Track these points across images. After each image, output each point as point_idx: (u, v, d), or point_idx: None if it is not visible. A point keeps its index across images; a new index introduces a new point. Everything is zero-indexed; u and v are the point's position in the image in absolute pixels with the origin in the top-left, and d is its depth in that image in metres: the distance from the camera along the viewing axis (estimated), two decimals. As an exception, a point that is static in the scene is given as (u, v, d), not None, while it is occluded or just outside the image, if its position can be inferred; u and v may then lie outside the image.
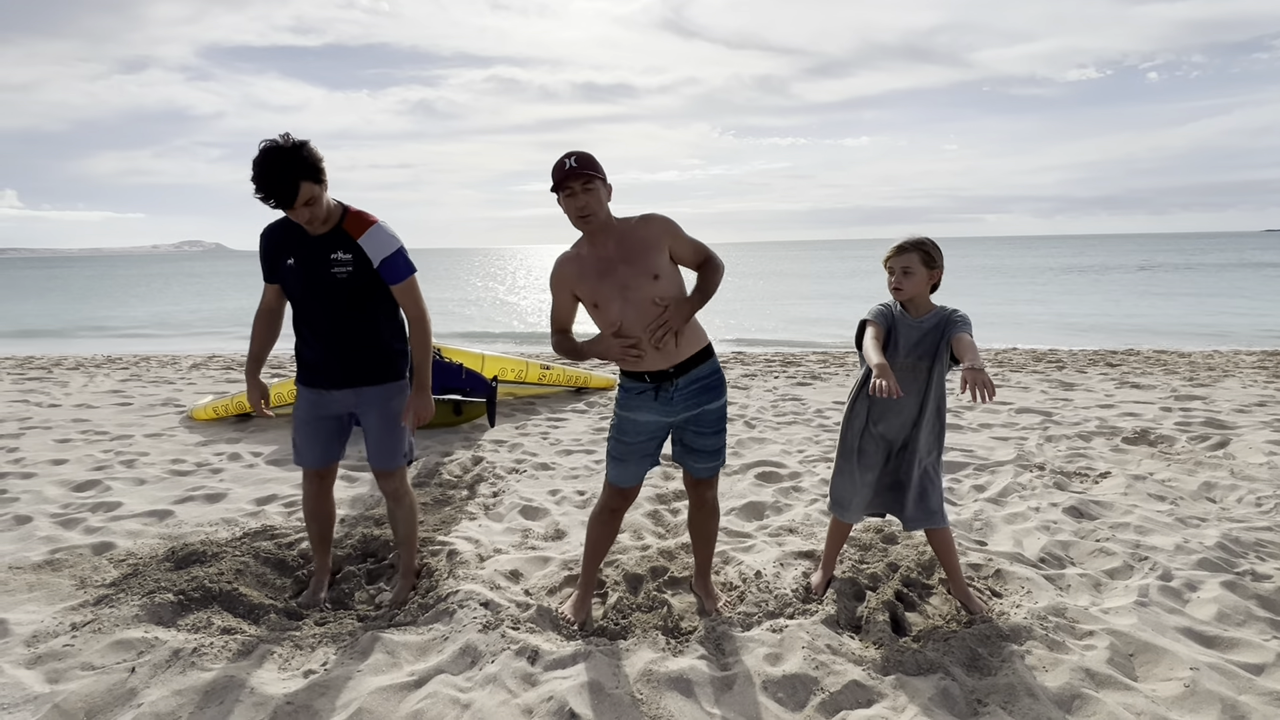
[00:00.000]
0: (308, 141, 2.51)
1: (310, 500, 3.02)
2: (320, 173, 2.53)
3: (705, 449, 2.72)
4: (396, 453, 2.89)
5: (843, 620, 2.76)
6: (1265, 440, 5.13)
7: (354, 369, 2.78)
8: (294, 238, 2.71)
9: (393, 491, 2.99)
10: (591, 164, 2.46)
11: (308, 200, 2.51)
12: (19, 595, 3.00)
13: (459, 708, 2.25)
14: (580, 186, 2.44)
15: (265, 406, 2.94)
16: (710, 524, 2.91)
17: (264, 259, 2.81)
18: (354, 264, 2.67)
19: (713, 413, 2.68)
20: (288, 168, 2.44)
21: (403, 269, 2.73)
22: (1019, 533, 3.58)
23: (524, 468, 4.88)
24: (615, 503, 2.81)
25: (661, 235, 2.55)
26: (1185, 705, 2.26)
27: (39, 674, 2.42)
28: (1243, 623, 2.74)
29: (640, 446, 2.69)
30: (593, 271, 2.54)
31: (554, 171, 2.47)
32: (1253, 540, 3.44)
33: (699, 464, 2.75)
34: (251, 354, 2.91)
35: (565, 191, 2.45)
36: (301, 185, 2.46)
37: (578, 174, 2.43)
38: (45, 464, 5.01)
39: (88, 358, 11.64)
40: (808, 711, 2.28)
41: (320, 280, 2.68)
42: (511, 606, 2.84)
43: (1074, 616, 2.73)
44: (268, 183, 2.44)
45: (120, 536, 3.67)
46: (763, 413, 6.51)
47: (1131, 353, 10.57)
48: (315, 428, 2.88)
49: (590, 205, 2.46)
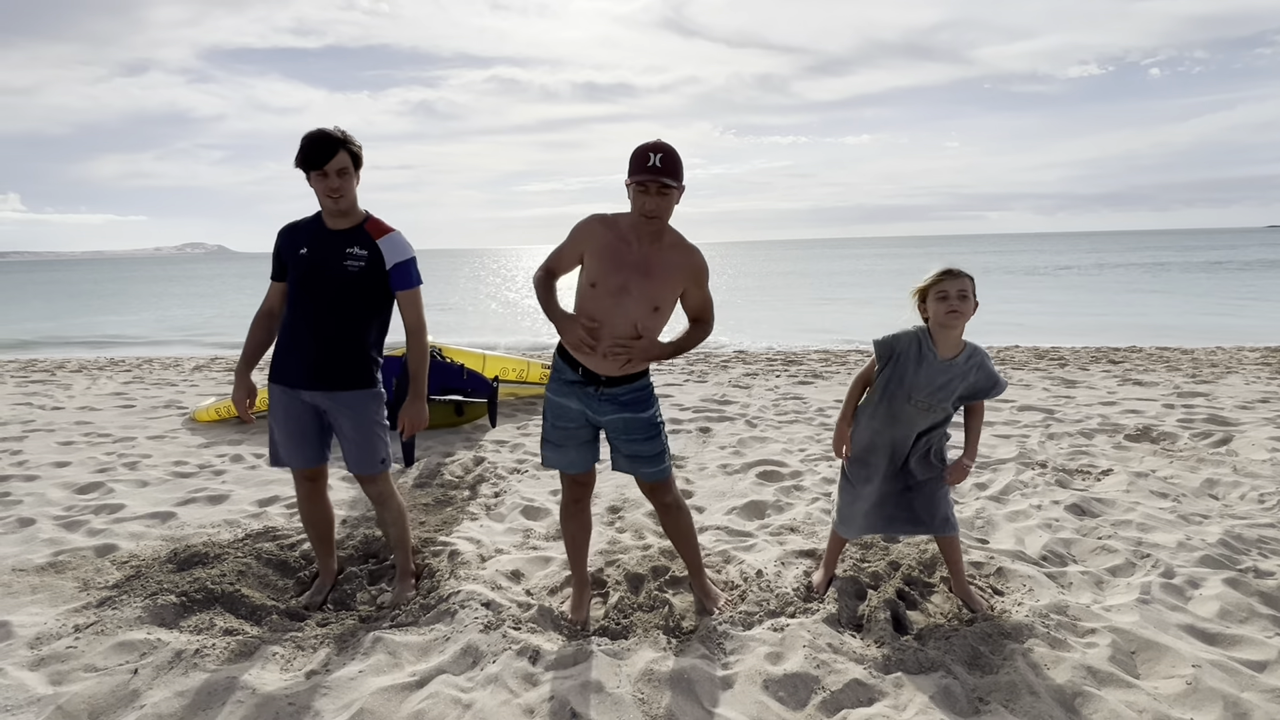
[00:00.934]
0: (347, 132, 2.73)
1: (304, 503, 3.01)
2: (358, 158, 2.71)
3: (642, 454, 2.69)
4: (374, 458, 2.87)
5: (844, 619, 2.76)
6: (1268, 437, 5.12)
7: (329, 369, 2.76)
8: (313, 231, 2.78)
9: (377, 495, 2.99)
10: (675, 171, 2.39)
11: (340, 169, 2.64)
12: (22, 597, 3.00)
13: (460, 708, 2.26)
14: (657, 189, 2.39)
15: (250, 407, 2.88)
16: (679, 523, 2.86)
17: (278, 252, 2.84)
18: (368, 261, 2.72)
19: (642, 420, 2.67)
20: (334, 135, 2.64)
21: (413, 277, 2.80)
22: (1021, 530, 3.57)
23: (525, 468, 4.88)
24: (575, 493, 2.82)
25: (689, 274, 2.57)
26: (1187, 703, 2.26)
27: (42, 676, 2.43)
28: (1245, 620, 2.73)
29: (573, 433, 2.70)
30: (612, 255, 2.50)
31: (636, 160, 2.40)
32: (1255, 537, 3.43)
33: (641, 469, 2.72)
34: (245, 352, 2.90)
35: (639, 186, 2.41)
36: (340, 150, 2.63)
37: (659, 177, 2.36)
38: (48, 466, 5.03)
39: (90, 360, 11.67)
40: (809, 710, 2.28)
41: (331, 270, 2.71)
42: (513, 606, 2.85)
43: (1076, 614, 2.72)
44: (312, 141, 2.62)
45: (123, 538, 3.68)
46: (764, 412, 6.51)
47: (1134, 350, 10.55)
48: (291, 427, 2.85)
49: (660, 209, 2.42)
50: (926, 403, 2.66)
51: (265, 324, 2.90)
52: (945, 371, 2.63)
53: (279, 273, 2.85)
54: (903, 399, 2.69)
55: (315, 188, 2.68)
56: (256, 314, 2.91)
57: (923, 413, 2.68)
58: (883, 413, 2.75)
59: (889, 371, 2.71)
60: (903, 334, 2.70)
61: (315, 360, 2.75)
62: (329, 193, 2.66)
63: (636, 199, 2.43)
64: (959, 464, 2.74)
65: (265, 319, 2.90)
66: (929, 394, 2.64)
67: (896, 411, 2.71)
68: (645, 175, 2.37)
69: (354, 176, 2.71)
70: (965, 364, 2.64)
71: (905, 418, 2.71)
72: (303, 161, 2.64)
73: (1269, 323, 15.30)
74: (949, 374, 2.63)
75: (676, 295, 2.58)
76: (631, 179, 2.43)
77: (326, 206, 2.72)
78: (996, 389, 2.67)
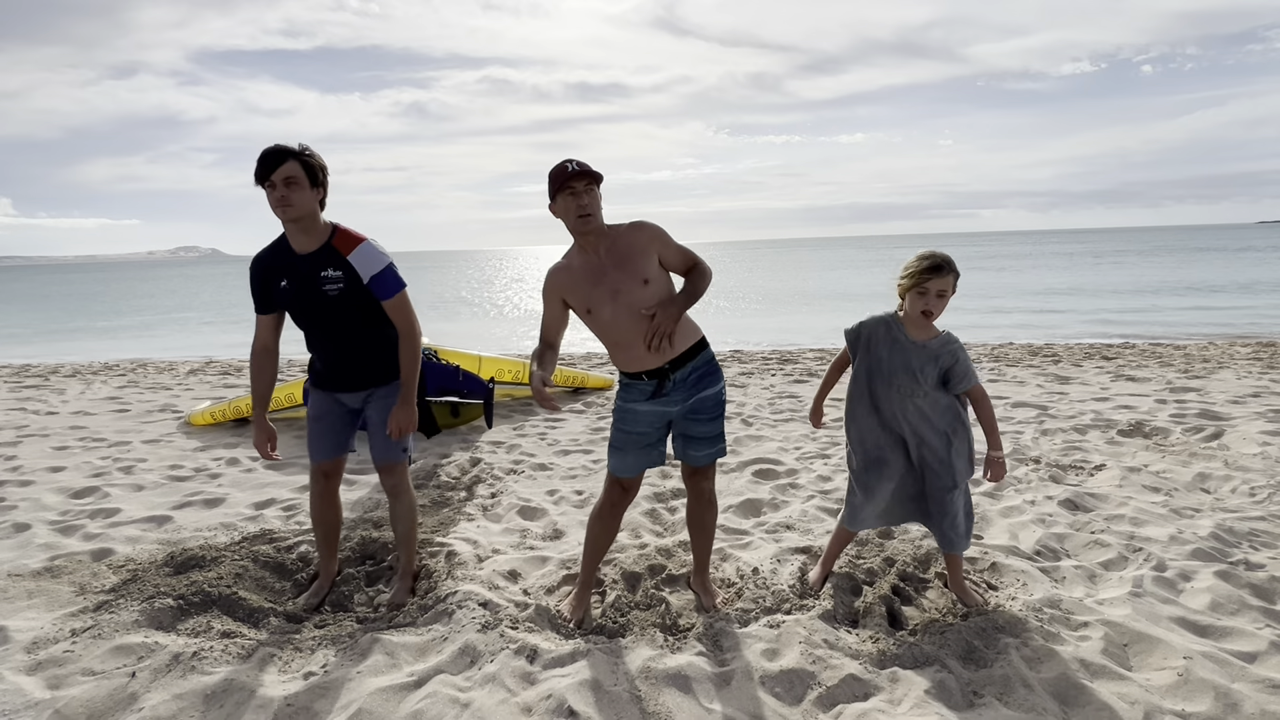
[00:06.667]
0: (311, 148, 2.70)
1: (316, 501, 3.05)
2: (312, 169, 2.65)
3: (704, 435, 2.74)
4: (398, 446, 2.97)
5: (840, 615, 2.77)
6: (1259, 431, 5.16)
7: (364, 374, 2.89)
8: (284, 260, 2.77)
9: (393, 487, 3.03)
10: (590, 169, 2.52)
11: (286, 178, 2.59)
12: (19, 602, 3.00)
13: (459, 707, 2.26)
14: (583, 186, 2.51)
15: (271, 450, 2.94)
16: (708, 516, 2.92)
17: (255, 287, 2.83)
18: (344, 281, 2.72)
19: (711, 398, 2.71)
20: (283, 147, 2.62)
21: (392, 285, 2.79)
22: (1015, 526, 3.60)
23: (522, 468, 4.89)
24: (616, 497, 2.83)
25: (651, 241, 2.61)
26: (1179, 694, 2.28)
27: (40, 680, 2.43)
28: (1236, 612, 2.76)
29: (641, 436, 2.72)
30: (584, 279, 2.60)
31: (554, 174, 2.52)
32: (1246, 530, 3.46)
33: (698, 451, 2.76)
34: (255, 397, 2.93)
35: (568, 190, 2.50)
36: (288, 160, 2.60)
37: (581, 174, 2.49)
38: (43, 471, 5.02)
39: (84, 365, 11.63)
40: (805, 706, 2.29)
41: (314, 299, 2.74)
42: (510, 606, 2.86)
43: (1069, 608, 2.74)
44: (261, 154, 2.61)
45: (119, 542, 3.67)
46: (760, 410, 6.53)
47: (1127, 345, 10.60)
48: (326, 423, 2.97)
49: (591, 205, 2.52)
50: (909, 387, 2.70)
51: (263, 363, 2.91)
52: (919, 354, 2.69)
53: (262, 306, 2.86)
54: (883, 384, 2.73)
55: (269, 201, 2.65)
56: (252, 354, 2.92)
57: (908, 397, 2.71)
58: (871, 403, 2.79)
59: (865, 358, 2.77)
60: (868, 320, 2.77)
61: (343, 370, 2.87)
62: (277, 203, 2.62)
63: (569, 208, 2.53)
64: (990, 460, 2.79)
65: (262, 357, 2.91)
66: (907, 376, 2.69)
67: (884, 398, 2.75)
68: (567, 176, 2.49)
69: (307, 188, 2.64)
70: (940, 348, 2.70)
71: (895, 404, 2.73)
72: (256, 176, 2.64)
73: (1258, 318, 15.38)
74: (923, 356, 2.69)
75: (654, 263, 2.62)
76: (557, 192, 2.53)
77: (280, 219, 2.69)
78: (966, 382, 2.71)
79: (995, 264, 40.49)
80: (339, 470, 3.08)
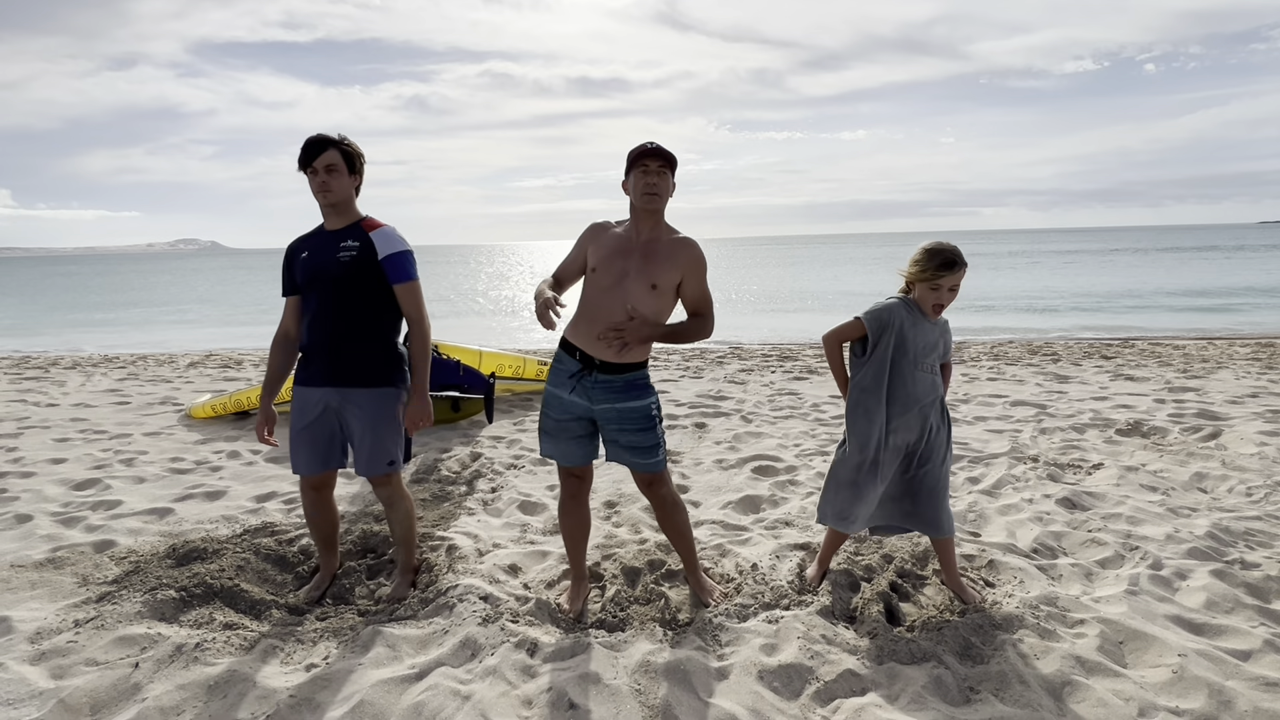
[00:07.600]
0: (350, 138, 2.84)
1: (309, 509, 3.03)
2: (351, 157, 2.79)
3: (636, 445, 2.72)
4: (382, 460, 2.87)
5: (838, 611, 2.79)
6: (1256, 431, 5.18)
7: (341, 366, 2.79)
8: (313, 237, 2.88)
9: (387, 497, 2.99)
10: (670, 154, 2.58)
11: (328, 165, 2.72)
12: (21, 593, 3.02)
13: (459, 699, 2.28)
14: (656, 166, 2.57)
15: (269, 435, 2.92)
16: (676, 519, 2.88)
17: (285, 266, 2.91)
18: (359, 250, 2.77)
19: (639, 410, 2.70)
20: (326, 135, 2.76)
21: (407, 268, 2.82)
22: (1012, 524, 3.62)
23: (522, 463, 4.91)
24: (572, 487, 2.87)
25: (686, 263, 2.65)
26: (1173, 691, 2.30)
27: (43, 670, 2.45)
28: (1231, 610, 2.78)
29: (565, 426, 2.75)
30: (614, 244, 2.66)
31: (633, 150, 2.60)
32: (1242, 529, 3.48)
33: (635, 460, 2.75)
34: (268, 379, 2.93)
35: (641, 167, 2.57)
36: (329, 148, 2.73)
37: (656, 154, 2.56)
38: (44, 463, 5.03)
39: (84, 357, 11.64)
40: (803, 700, 2.31)
41: (327, 264, 2.77)
42: (510, 600, 2.88)
43: (1065, 605, 2.76)
44: (305, 142, 2.75)
45: (121, 534, 3.69)
46: (759, 407, 6.55)
47: (1126, 344, 10.62)
48: (310, 433, 2.87)
49: (660, 186, 2.58)
50: (930, 364, 2.76)
51: (283, 347, 2.94)
52: (933, 331, 2.78)
53: (289, 288, 2.91)
54: (909, 366, 2.73)
55: (311, 187, 2.76)
56: (274, 338, 2.96)
57: (928, 374, 2.76)
58: (886, 393, 2.74)
59: (888, 342, 2.72)
60: (890, 303, 2.76)
61: (328, 358, 2.80)
62: (319, 188, 2.74)
63: (638, 181, 2.59)
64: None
65: (283, 342, 2.94)
66: (933, 355, 2.77)
67: (909, 381, 2.73)
68: (645, 152, 2.57)
69: (346, 175, 2.77)
70: (945, 323, 2.84)
71: (920, 385, 2.73)
72: (299, 163, 2.75)
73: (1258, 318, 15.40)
74: (934, 333, 2.78)
75: (675, 281, 2.64)
76: (631, 169, 2.61)
77: (320, 204, 2.80)
78: (949, 351, 2.89)
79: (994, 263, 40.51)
80: (329, 483, 3.02)
